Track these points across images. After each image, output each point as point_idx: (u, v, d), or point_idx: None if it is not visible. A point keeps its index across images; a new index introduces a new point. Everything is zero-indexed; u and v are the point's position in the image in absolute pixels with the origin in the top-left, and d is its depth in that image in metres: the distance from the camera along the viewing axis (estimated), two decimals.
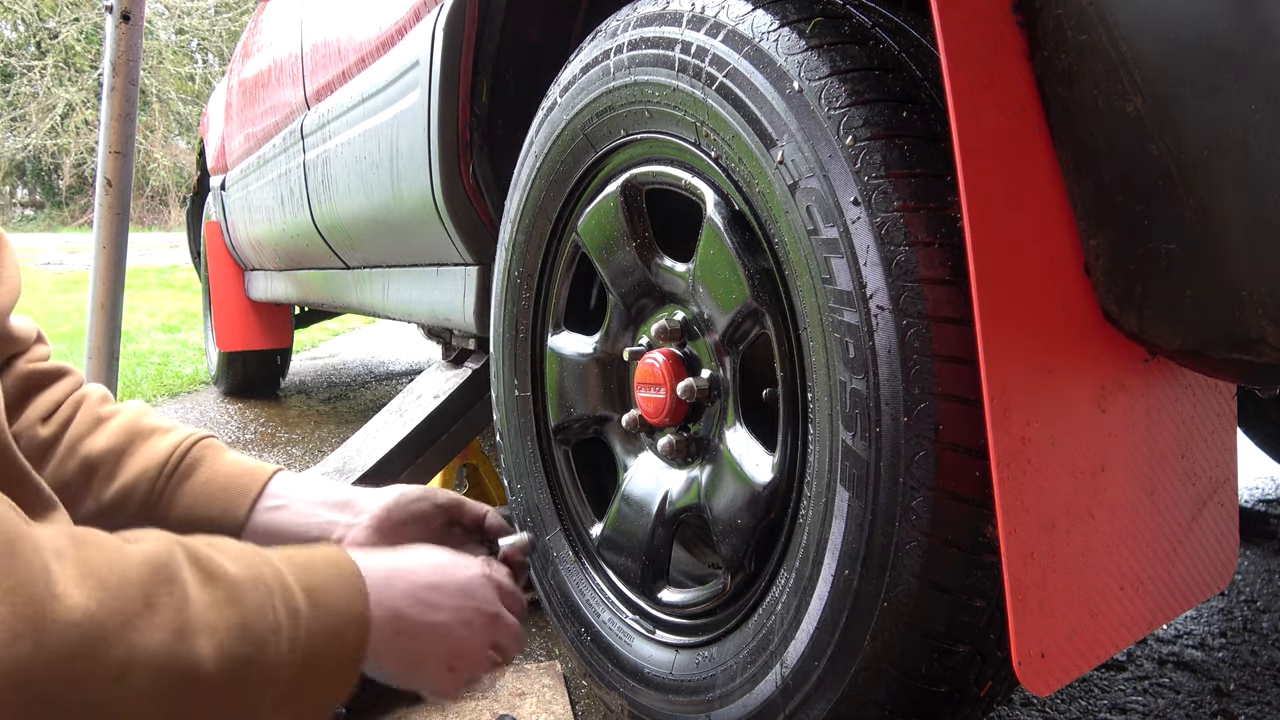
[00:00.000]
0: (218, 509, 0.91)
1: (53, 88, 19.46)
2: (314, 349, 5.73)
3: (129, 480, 0.90)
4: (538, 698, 1.24)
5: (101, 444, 0.91)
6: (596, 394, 1.16)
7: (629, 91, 1.01)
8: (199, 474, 0.92)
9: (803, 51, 0.79)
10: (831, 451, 0.79)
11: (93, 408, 0.94)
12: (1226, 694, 1.30)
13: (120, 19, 1.83)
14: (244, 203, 3.12)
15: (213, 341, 3.91)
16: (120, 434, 0.92)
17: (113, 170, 1.88)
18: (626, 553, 1.09)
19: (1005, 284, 0.64)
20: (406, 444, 1.60)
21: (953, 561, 0.72)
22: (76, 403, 0.93)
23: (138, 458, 0.91)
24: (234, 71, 3.35)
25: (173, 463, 0.91)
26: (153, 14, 19.34)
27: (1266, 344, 0.59)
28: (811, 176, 0.77)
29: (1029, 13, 0.65)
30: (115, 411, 0.95)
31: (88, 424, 0.92)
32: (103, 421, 0.93)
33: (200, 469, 0.92)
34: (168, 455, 0.92)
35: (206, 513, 0.91)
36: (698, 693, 0.96)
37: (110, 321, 1.89)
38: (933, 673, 0.76)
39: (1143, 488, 0.73)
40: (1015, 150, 0.66)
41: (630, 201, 1.06)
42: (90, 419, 0.93)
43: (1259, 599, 1.65)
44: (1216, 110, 0.56)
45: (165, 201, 22.15)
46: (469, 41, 1.43)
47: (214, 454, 0.94)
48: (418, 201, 1.58)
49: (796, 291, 0.83)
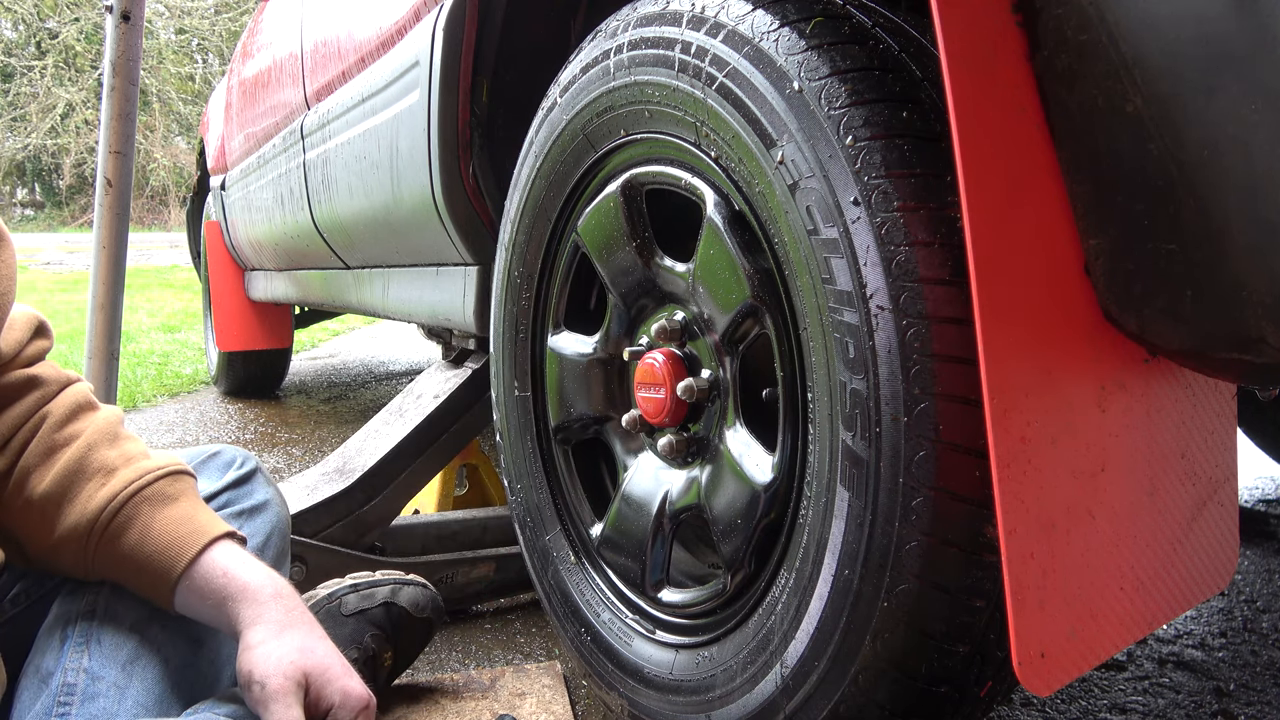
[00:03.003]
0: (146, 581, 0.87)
1: (53, 88, 19.45)
2: (314, 349, 5.73)
3: (62, 534, 0.86)
4: (538, 698, 1.24)
5: (44, 487, 0.86)
6: (596, 394, 1.16)
7: (629, 91, 1.01)
8: (128, 536, 0.86)
9: (803, 51, 0.79)
10: (831, 451, 0.79)
11: (49, 432, 0.88)
12: (1226, 694, 1.30)
13: (120, 19, 1.82)
14: (244, 203, 3.12)
15: (213, 341, 3.91)
16: (62, 476, 0.87)
17: (113, 170, 1.88)
18: (626, 553, 1.09)
19: (1005, 284, 0.64)
20: (406, 444, 1.60)
21: (953, 561, 0.72)
22: (36, 425, 0.89)
23: (73, 509, 0.86)
24: (234, 71, 3.35)
25: (101, 523, 0.86)
26: (153, 14, 19.34)
27: (1266, 344, 0.59)
28: (811, 176, 0.77)
29: (1029, 13, 0.65)
30: (72, 437, 0.89)
31: (39, 455, 0.87)
32: (54, 453, 0.87)
33: (127, 536, 0.86)
34: (97, 514, 0.86)
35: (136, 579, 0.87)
36: (698, 693, 0.96)
37: (110, 321, 1.88)
38: (933, 673, 0.76)
39: (1143, 488, 0.73)
40: (1015, 150, 0.66)
41: (630, 201, 1.06)
42: (43, 449, 0.88)
43: (1259, 599, 1.65)
44: (1216, 110, 0.56)
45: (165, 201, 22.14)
46: (469, 41, 1.43)
47: (144, 517, 0.86)
48: (418, 201, 1.58)
49: (796, 291, 0.83)
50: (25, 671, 0.86)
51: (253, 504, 1.03)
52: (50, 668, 0.84)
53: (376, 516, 1.55)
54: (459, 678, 1.31)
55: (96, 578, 0.89)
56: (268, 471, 1.07)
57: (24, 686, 0.84)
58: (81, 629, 0.87)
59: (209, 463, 1.04)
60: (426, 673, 1.38)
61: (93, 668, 0.83)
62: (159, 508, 0.88)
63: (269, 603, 0.86)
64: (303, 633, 0.86)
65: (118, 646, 0.86)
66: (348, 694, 0.85)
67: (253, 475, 1.05)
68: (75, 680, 0.82)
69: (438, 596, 1.27)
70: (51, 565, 0.90)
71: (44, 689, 0.83)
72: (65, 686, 0.82)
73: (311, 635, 0.87)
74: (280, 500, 1.07)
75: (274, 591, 0.87)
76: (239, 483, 1.04)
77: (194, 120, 20.12)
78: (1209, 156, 0.57)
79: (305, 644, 0.85)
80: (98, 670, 0.83)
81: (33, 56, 19.78)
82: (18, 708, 0.83)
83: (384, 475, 1.57)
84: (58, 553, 0.87)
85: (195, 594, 0.86)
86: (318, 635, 0.88)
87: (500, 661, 1.43)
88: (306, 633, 0.86)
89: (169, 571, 0.86)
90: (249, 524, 1.01)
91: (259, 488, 1.05)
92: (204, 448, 1.07)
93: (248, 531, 0.98)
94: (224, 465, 1.05)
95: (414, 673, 1.35)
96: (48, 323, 0.96)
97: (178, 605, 0.87)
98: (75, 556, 0.87)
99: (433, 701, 1.23)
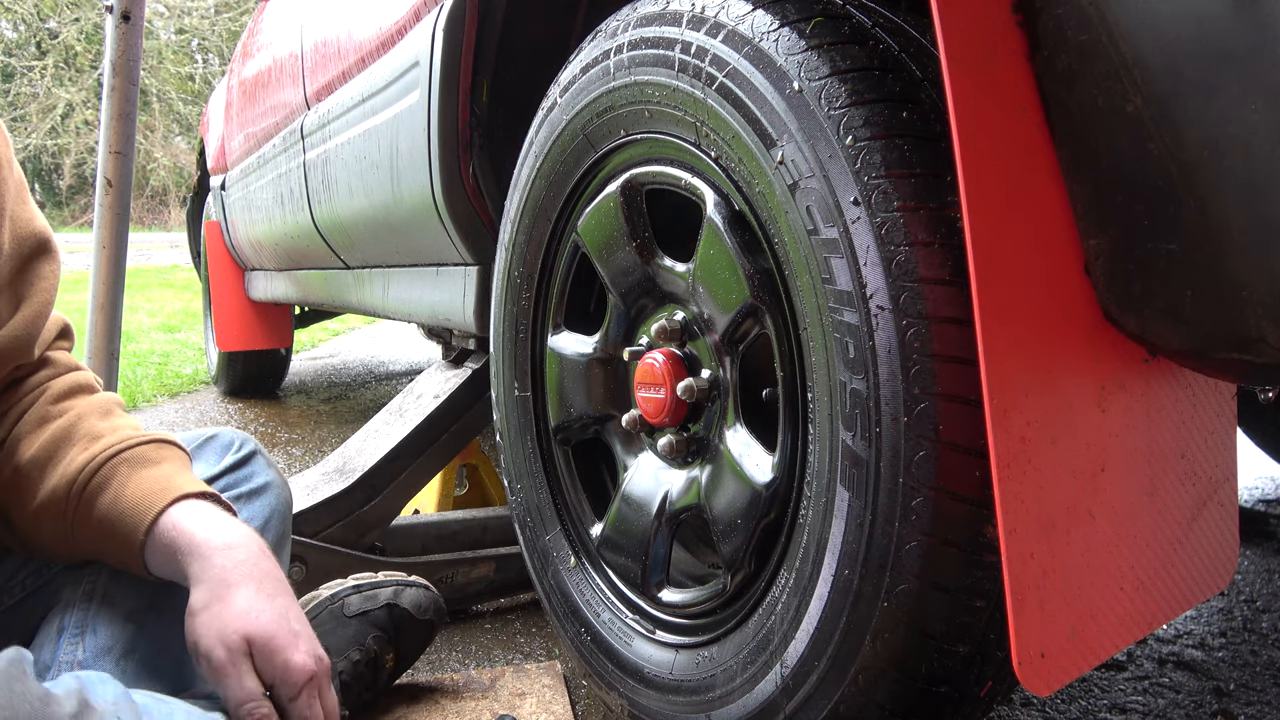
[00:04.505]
0: (117, 540, 0.83)
1: (53, 88, 19.46)
2: (314, 349, 5.73)
3: (43, 499, 0.84)
4: (538, 698, 1.24)
5: (31, 452, 0.84)
6: (596, 394, 1.16)
7: (629, 91, 1.01)
8: (104, 497, 0.83)
9: (803, 51, 0.79)
10: (831, 451, 0.79)
11: (44, 405, 0.87)
12: (1226, 694, 1.30)
13: (120, 19, 1.82)
14: (244, 203, 3.12)
15: (213, 341, 3.91)
16: (49, 441, 0.85)
17: (113, 170, 1.88)
18: (626, 553, 1.09)
19: (1005, 284, 0.64)
20: (406, 444, 1.60)
21: (953, 561, 0.72)
22: (35, 399, 0.88)
23: (54, 472, 0.84)
24: (234, 71, 3.35)
25: (79, 484, 0.83)
26: (153, 14, 19.34)
27: (1266, 344, 0.59)
28: (811, 176, 0.77)
29: (1029, 13, 0.65)
30: (66, 410, 0.88)
31: (31, 424, 0.86)
32: (45, 422, 0.86)
33: (103, 495, 0.83)
34: (76, 474, 0.83)
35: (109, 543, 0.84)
36: (698, 693, 0.96)
37: (110, 321, 1.88)
38: (933, 673, 0.76)
39: (1143, 488, 0.73)
40: (1015, 150, 0.66)
41: (630, 201, 1.06)
42: (36, 419, 0.86)
43: (1259, 599, 1.65)
44: (1216, 110, 0.56)
45: (165, 201, 22.16)
46: (469, 41, 1.43)
47: (122, 475, 0.83)
48: (418, 201, 1.58)
49: (796, 291, 0.83)
50: None
51: (251, 487, 0.99)
52: (46, 660, 0.83)
53: (376, 516, 1.55)
54: (459, 678, 1.31)
55: (78, 553, 0.86)
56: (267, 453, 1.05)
57: None
58: (77, 619, 0.86)
59: (206, 446, 1.01)
60: (427, 673, 1.38)
61: (87, 661, 0.83)
62: (137, 469, 0.84)
63: (213, 555, 0.79)
64: (248, 592, 0.78)
65: (113, 639, 0.85)
66: (289, 669, 0.77)
67: (252, 457, 1.02)
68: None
69: (439, 598, 1.27)
70: (35, 538, 0.86)
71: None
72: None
73: (259, 594, 0.79)
74: (282, 482, 1.04)
75: (223, 543, 0.80)
76: (238, 465, 1.00)
77: (194, 120, 20.12)
78: (1209, 156, 0.57)
79: (250, 605, 0.77)
80: (92, 664, 0.83)
81: (33, 56, 19.79)
82: None
83: (384, 475, 1.57)
84: (39, 520, 0.84)
85: (159, 552, 0.81)
86: (266, 592, 0.79)
87: (500, 661, 1.43)
88: (253, 591, 0.78)
89: (136, 530, 0.81)
90: (248, 507, 0.97)
91: (259, 470, 1.01)
92: (201, 431, 1.03)
93: (246, 515, 0.94)
94: (222, 448, 1.01)
95: (414, 673, 1.35)
96: (71, 326, 0.95)
97: (150, 567, 0.83)
98: (56, 524, 0.84)
99: (433, 701, 1.23)
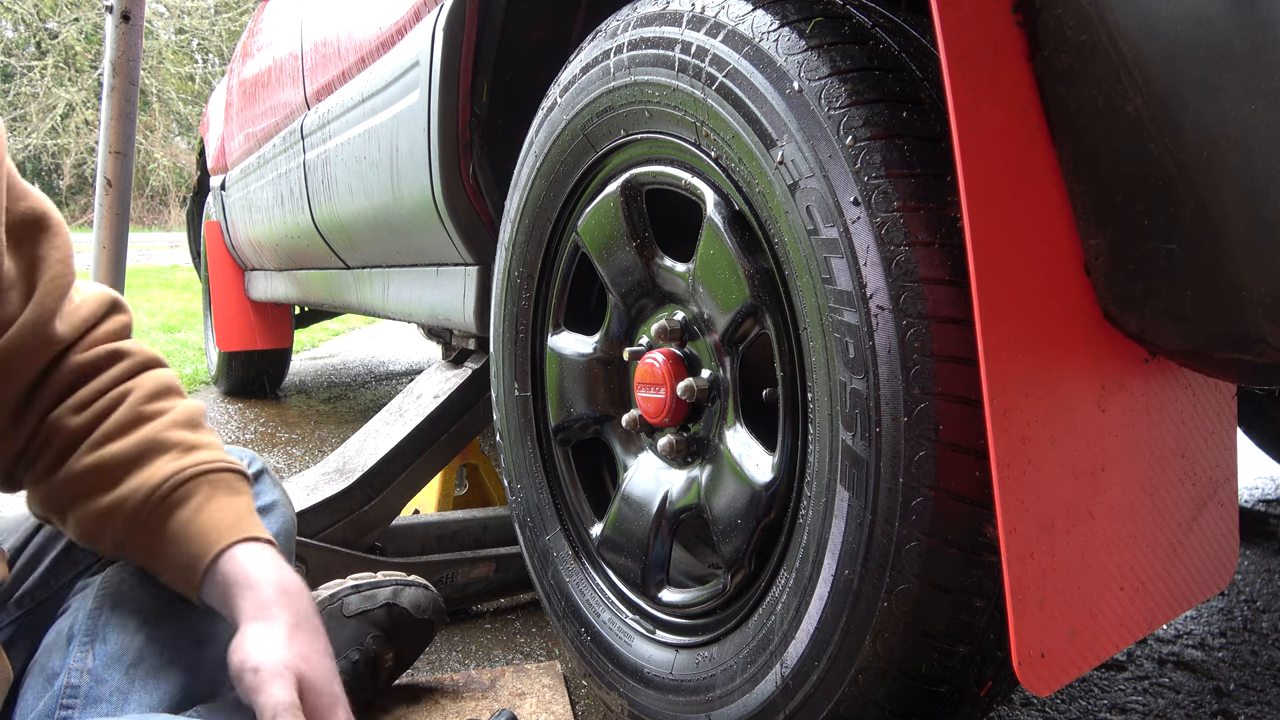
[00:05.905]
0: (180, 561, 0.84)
1: (53, 88, 19.45)
2: (314, 349, 5.73)
3: (122, 494, 0.85)
4: (538, 698, 1.24)
5: (119, 449, 0.86)
6: (596, 394, 1.16)
7: (629, 91, 1.01)
8: (179, 514, 0.85)
9: (803, 51, 0.79)
10: (831, 451, 0.79)
11: (136, 404, 0.88)
12: (1226, 694, 1.30)
13: (120, 19, 1.83)
14: (244, 203, 3.12)
15: (213, 341, 3.91)
16: (140, 442, 0.86)
17: (113, 170, 1.88)
18: (626, 553, 1.09)
19: (1005, 284, 0.64)
20: (406, 444, 1.60)
21: (953, 561, 0.72)
22: (122, 395, 0.88)
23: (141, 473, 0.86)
24: (234, 71, 3.35)
25: (163, 492, 0.85)
26: (153, 14, 19.35)
27: (1266, 344, 0.59)
28: (811, 176, 0.77)
29: (1029, 13, 0.65)
30: (158, 413, 0.89)
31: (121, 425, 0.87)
32: (139, 423, 0.87)
33: (182, 509, 0.85)
34: (162, 481, 0.85)
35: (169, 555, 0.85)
36: (698, 693, 0.96)
37: None
38: (933, 673, 0.76)
39: (1143, 488, 0.73)
40: (1015, 150, 0.66)
41: (630, 201, 1.06)
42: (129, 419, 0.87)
43: (1259, 599, 1.65)
44: (1216, 110, 0.56)
45: (165, 201, 22.15)
46: (469, 41, 1.43)
47: (203, 495, 0.86)
48: (418, 201, 1.58)
49: (796, 291, 0.83)
50: (31, 670, 0.86)
51: (260, 505, 1.00)
52: (55, 667, 0.84)
53: (376, 516, 1.55)
54: (459, 678, 1.31)
55: (126, 554, 0.87)
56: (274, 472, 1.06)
57: (29, 685, 0.84)
58: (88, 626, 0.86)
59: None
60: (426, 672, 1.38)
61: (96, 669, 0.83)
62: (219, 493, 0.86)
63: (281, 597, 0.82)
64: (307, 639, 0.81)
65: (123, 647, 0.85)
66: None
67: (260, 476, 1.03)
68: (79, 682, 0.82)
69: (439, 598, 1.27)
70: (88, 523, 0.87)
71: (48, 689, 0.82)
72: (69, 688, 0.81)
73: (315, 647, 0.81)
74: (287, 501, 1.06)
75: (291, 589, 0.83)
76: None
77: (194, 120, 20.13)
78: (1209, 156, 0.57)
79: (308, 651, 0.81)
80: (101, 673, 0.83)
81: (33, 56, 19.78)
82: (21, 706, 0.83)
83: (384, 475, 1.57)
84: (110, 514, 0.85)
85: (219, 583, 0.83)
86: (319, 650, 0.82)
87: (500, 661, 1.43)
88: (310, 640, 0.81)
89: (205, 553, 0.83)
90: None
91: (266, 489, 1.03)
92: None
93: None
94: None
95: (414, 672, 1.35)
96: (123, 300, 0.94)
97: (203, 593, 0.85)
98: (126, 522, 0.85)
99: (433, 701, 1.23)
